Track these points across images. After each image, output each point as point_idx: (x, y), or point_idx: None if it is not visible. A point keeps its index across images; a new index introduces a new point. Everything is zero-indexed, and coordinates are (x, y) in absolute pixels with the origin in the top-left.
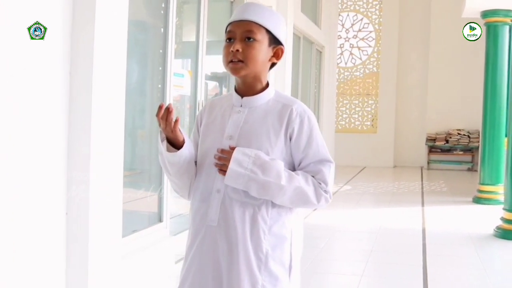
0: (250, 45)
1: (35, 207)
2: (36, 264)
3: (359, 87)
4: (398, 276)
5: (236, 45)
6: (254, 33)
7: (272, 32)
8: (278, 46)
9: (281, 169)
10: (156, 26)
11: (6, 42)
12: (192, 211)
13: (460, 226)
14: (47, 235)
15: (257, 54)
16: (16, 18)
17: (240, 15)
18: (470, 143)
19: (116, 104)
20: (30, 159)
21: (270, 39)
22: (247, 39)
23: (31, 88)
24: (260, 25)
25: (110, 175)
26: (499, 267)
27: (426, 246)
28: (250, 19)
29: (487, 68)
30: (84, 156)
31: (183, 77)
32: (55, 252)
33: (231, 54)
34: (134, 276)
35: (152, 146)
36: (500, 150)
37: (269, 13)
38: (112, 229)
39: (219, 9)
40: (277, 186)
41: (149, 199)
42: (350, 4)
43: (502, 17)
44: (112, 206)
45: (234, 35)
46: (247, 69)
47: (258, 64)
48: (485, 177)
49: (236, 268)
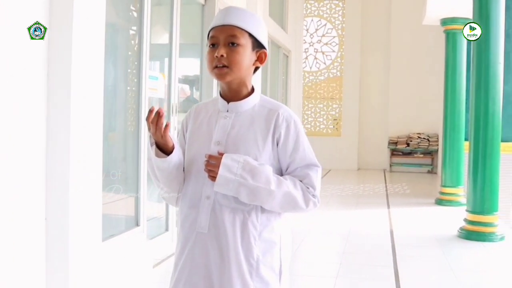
0: (234, 50)
1: (14, 213)
2: (16, 270)
3: (324, 91)
4: (371, 277)
5: (220, 50)
6: (238, 38)
7: (255, 36)
8: (261, 50)
9: (270, 174)
10: (130, 29)
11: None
12: (181, 217)
13: (426, 228)
14: (26, 241)
15: (242, 59)
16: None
17: (222, 20)
18: (429, 146)
19: (94, 108)
20: (8, 166)
21: (253, 43)
22: (231, 44)
23: (8, 93)
24: (242, 29)
25: (89, 180)
26: (465, 267)
27: (395, 248)
28: (232, 24)
29: (447, 74)
30: (63, 161)
31: (157, 80)
32: (35, 258)
33: (216, 60)
34: (112, 281)
35: (128, 148)
36: (460, 153)
37: (250, 16)
38: (92, 234)
39: (190, 12)
40: (266, 191)
41: (126, 203)
42: (314, 9)
43: (460, 24)
44: (92, 211)
45: (217, 41)
46: (233, 74)
47: (243, 69)
48: (446, 180)
49: (227, 275)
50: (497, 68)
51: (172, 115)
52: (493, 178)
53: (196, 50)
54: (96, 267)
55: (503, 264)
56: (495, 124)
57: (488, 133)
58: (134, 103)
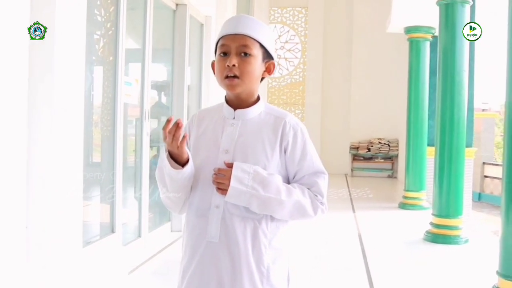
0: (246, 61)
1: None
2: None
3: (287, 97)
4: (346, 281)
5: (232, 60)
6: (250, 48)
7: (265, 47)
8: (270, 60)
9: (280, 184)
10: (95, 33)
11: None
12: (189, 226)
13: (392, 231)
14: (7, 249)
15: (253, 69)
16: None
17: (234, 29)
18: (390, 151)
19: (75, 116)
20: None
21: (263, 53)
22: (243, 54)
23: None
24: (254, 39)
25: (70, 187)
26: (435, 270)
27: (365, 251)
28: (245, 33)
29: (410, 81)
30: (45, 169)
31: (131, 85)
32: (16, 266)
33: (227, 69)
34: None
35: (104, 154)
36: (422, 159)
37: (262, 27)
38: (72, 242)
39: (161, 17)
40: (277, 202)
41: (101, 209)
42: (278, 16)
43: (423, 33)
44: (73, 218)
45: (228, 49)
46: (243, 85)
47: (254, 80)
48: (409, 184)
49: (239, 283)
50: (462, 76)
51: (144, 120)
52: (458, 182)
53: (166, 55)
54: (76, 274)
55: (469, 266)
56: (460, 130)
57: (453, 139)
58: (110, 109)
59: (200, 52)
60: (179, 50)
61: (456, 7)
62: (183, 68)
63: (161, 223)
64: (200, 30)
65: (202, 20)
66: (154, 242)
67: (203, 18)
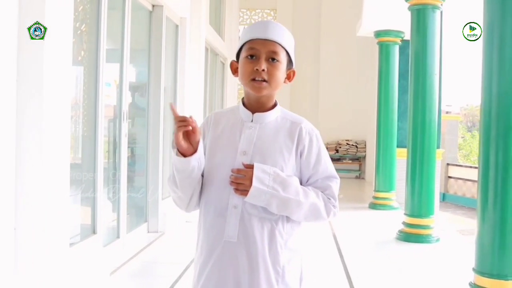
0: (274, 66)
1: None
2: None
3: None
4: (326, 279)
5: (262, 65)
6: (278, 54)
7: (290, 55)
8: (291, 68)
9: (298, 185)
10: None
11: None
12: (205, 226)
13: (365, 231)
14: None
15: (280, 75)
16: None
17: (264, 34)
18: (357, 152)
19: (63, 116)
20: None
21: (288, 61)
22: (271, 60)
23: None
24: (282, 46)
25: (58, 189)
26: (411, 267)
27: (341, 250)
28: (275, 40)
29: (380, 84)
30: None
31: (110, 86)
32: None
33: (255, 73)
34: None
35: (85, 155)
36: (392, 160)
37: (289, 35)
38: (59, 243)
39: (137, 18)
40: (296, 203)
41: (82, 210)
42: (247, 18)
43: (393, 37)
44: (60, 219)
45: (258, 53)
46: (270, 89)
47: (279, 85)
48: (379, 185)
49: (256, 282)
50: (433, 80)
51: (123, 121)
52: (429, 183)
53: (143, 56)
54: (63, 275)
55: (443, 264)
56: (431, 132)
57: (425, 141)
58: (92, 110)
59: (175, 54)
60: (155, 51)
61: (427, 12)
62: (159, 69)
63: (138, 224)
64: (175, 31)
65: (177, 22)
66: (132, 243)
67: (178, 20)
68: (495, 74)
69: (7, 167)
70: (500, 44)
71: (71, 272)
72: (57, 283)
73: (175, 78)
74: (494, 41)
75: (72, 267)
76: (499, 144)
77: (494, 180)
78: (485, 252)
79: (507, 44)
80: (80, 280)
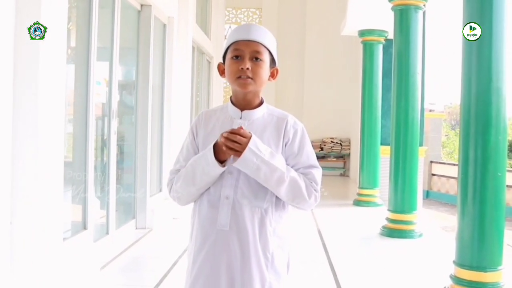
0: (258, 65)
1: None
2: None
3: None
4: (311, 273)
5: (246, 64)
6: (261, 54)
7: (272, 54)
8: (274, 67)
9: (283, 160)
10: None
11: None
12: (200, 217)
13: (350, 227)
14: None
15: (263, 73)
16: None
17: (247, 35)
18: (342, 150)
19: (56, 114)
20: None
21: (270, 60)
22: (255, 59)
23: None
24: (265, 46)
25: (53, 185)
26: (394, 261)
27: (326, 245)
28: (258, 40)
29: (364, 83)
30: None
31: (100, 85)
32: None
33: (241, 71)
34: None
35: (76, 153)
36: (376, 157)
37: (271, 36)
38: (54, 238)
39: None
40: (281, 173)
41: (74, 206)
42: (232, 16)
43: (377, 36)
44: (55, 214)
45: (242, 53)
46: (255, 86)
47: (263, 82)
48: (363, 182)
49: (248, 268)
50: (416, 78)
51: (112, 119)
52: (412, 179)
53: (131, 55)
54: (56, 269)
55: (425, 258)
56: (414, 130)
57: (408, 138)
58: (83, 108)
59: (162, 52)
60: (144, 50)
61: (410, 12)
62: (147, 67)
63: (126, 220)
64: (163, 30)
65: (165, 21)
66: (121, 239)
67: (166, 19)
68: (474, 73)
69: (3, 164)
70: (479, 43)
71: (64, 266)
72: (51, 276)
73: (163, 77)
74: (473, 41)
75: (65, 261)
76: (477, 141)
77: (473, 175)
78: (465, 245)
79: (485, 44)
80: (72, 274)
